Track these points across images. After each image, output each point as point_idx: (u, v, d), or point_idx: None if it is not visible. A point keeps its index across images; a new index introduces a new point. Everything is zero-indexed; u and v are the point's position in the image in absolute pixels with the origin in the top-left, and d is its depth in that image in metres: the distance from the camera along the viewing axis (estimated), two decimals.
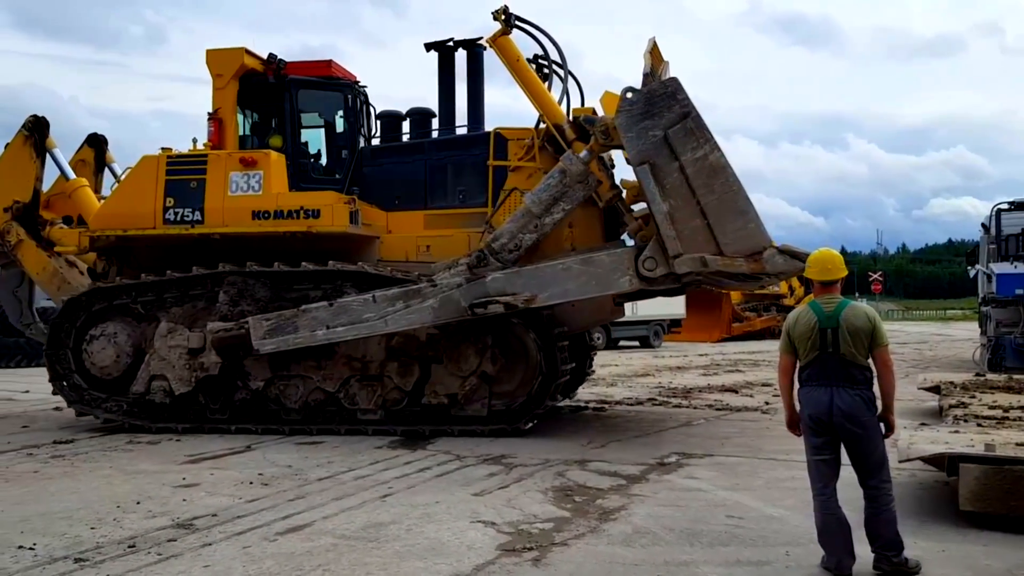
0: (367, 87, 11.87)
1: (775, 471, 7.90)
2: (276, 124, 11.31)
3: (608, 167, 10.31)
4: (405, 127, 11.79)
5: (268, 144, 11.01)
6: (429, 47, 11.41)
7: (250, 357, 10.06)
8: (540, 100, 10.26)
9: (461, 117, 11.47)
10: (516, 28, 10.32)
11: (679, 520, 6.14)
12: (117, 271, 11.16)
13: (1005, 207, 19.07)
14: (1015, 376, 12.55)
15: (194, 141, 11.14)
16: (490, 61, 11.18)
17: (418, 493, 7.06)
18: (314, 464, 8.32)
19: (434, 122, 11.59)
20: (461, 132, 11.39)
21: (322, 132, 11.84)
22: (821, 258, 5.19)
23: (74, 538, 5.78)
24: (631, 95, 8.87)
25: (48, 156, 12.03)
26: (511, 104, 14.77)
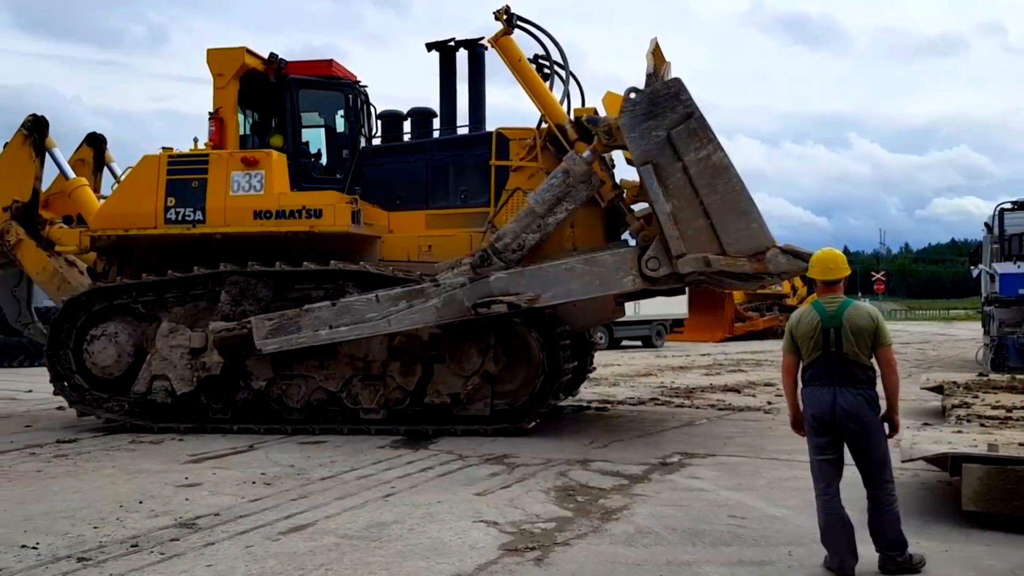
0: (368, 87, 11.88)
1: (777, 471, 7.89)
2: (277, 124, 11.30)
3: (609, 167, 10.31)
4: (406, 127, 11.79)
5: (269, 144, 11.00)
6: (430, 47, 11.40)
7: (252, 357, 10.06)
8: (542, 100, 10.26)
9: (462, 117, 11.48)
10: (518, 28, 10.32)
11: (681, 520, 6.14)
12: (117, 271, 11.14)
13: (1008, 207, 19.07)
14: (1018, 376, 12.54)
15: (195, 141, 11.14)
16: (491, 61, 11.20)
17: (420, 493, 7.06)
18: (316, 464, 8.33)
19: (435, 122, 11.58)
20: (462, 132, 11.38)
21: (323, 132, 11.83)
22: (824, 258, 5.19)
23: (77, 537, 5.79)
24: (634, 96, 8.89)
25: (47, 155, 11.98)
26: (512, 104, 14.78)
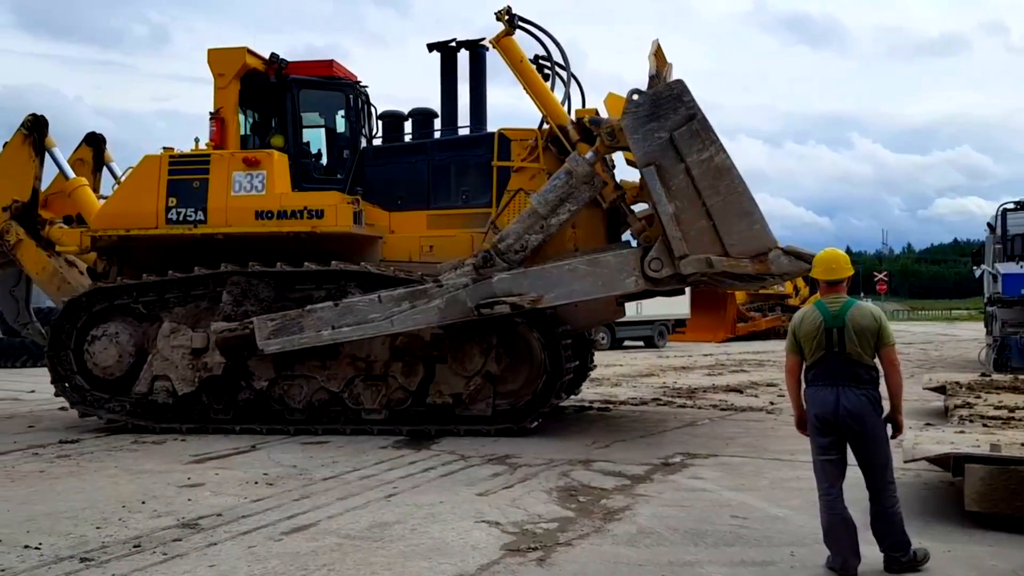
0: (368, 87, 11.87)
1: (780, 471, 7.89)
2: (277, 124, 11.28)
3: (610, 168, 10.31)
4: (407, 127, 11.77)
5: (270, 144, 10.99)
6: (432, 48, 11.39)
7: (254, 357, 10.07)
8: (543, 101, 10.26)
9: (463, 118, 11.47)
10: (519, 29, 10.33)
11: (683, 520, 6.14)
12: (118, 271, 11.13)
13: (1011, 207, 19.04)
14: (1021, 376, 12.51)
15: (196, 141, 11.14)
16: (492, 61, 11.21)
17: (423, 493, 7.06)
18: (319, 464, 8.33)
19: (436, 122, 11.58)
20: (464, 133, 11.37)
21: (323, 132, 11.82)
22: (826, 258, 5.19)
23: (80, 538, 5.80)
24: (637, 97, 8.90)
25: (47, 155, 11.96)
26: (513, 104, 14.76)
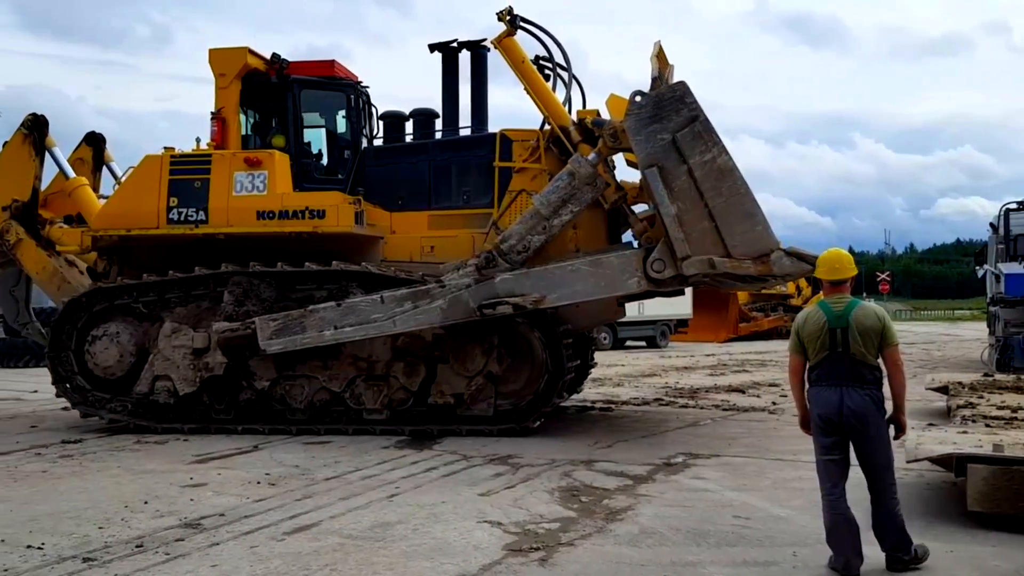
0: (369, 87, 11.87)
1: (782, 471, 7.89)
2: (278, 124, 11.27)
3: (611, 169, 10.31)
4: (408, 127, 11.77)
5: (271, 144, 10.99)
6: (433, 48, 11.39)
7: (256, 357, 10.08)
8: (545, 102, 10.26)
9: (464, 118, 11.46)
10: (521, 29, 10.33)
11: (686, 520, 6.14)
12: (118, 271, 11.12)
13: (1013, 207, 19.00)
14: (1023, 376, 12.50)
15: (197, 141, 11.12)
16: (493, 62, 11.21)
17: (425, 493, 7.07)
18: (321, 464, 8.34)
19: (437, 123, 11.57)
20: (465, 133, 11.37)
21: (324, 132, 11.82)
22: (830, 258, 5.18)
23: (82, 537, 5.81)
24: (640, 99, 8.91)
25: (47, 155, 11.94)
26: (514, 105, 14.79)
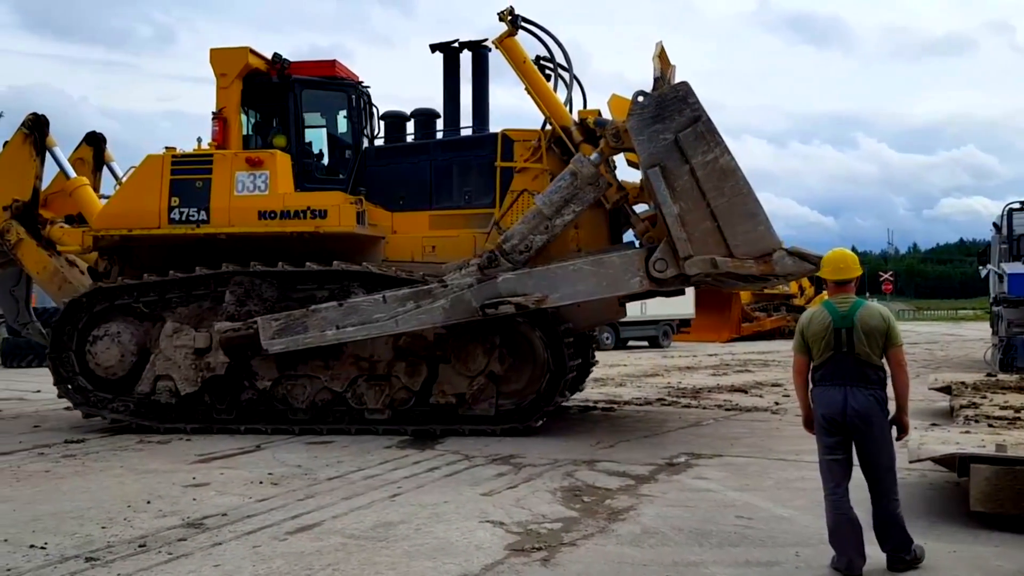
0: (370, 87, 11.87)
1: (785, 471, 7.88)
2: (280, 124, 11.27)
3: (612, 169, 10.31)
4: (409, 128, 11.77)
5: (272, 144, 10.99)
6: (434, 48, 11.39)
7: (257, 357, 10.08)
8: (547, 102, 10.27)
9: (465, 118, 11.46)
10: (522, 29, 10.33)
11: (688, 520, 6.13)
12: (119, 271, 11.13)
13: (1016, 207, 18.96)
14: None
15: (199, 141, 11.13)
16: (494, 61, 11.21)
17: (427, 493, 7.07)
18: (323, 464, 8.34)
19: (439, 123, 11.57)
20: (466, 133, 11.37)
21: (325, 132, 11.82)
22: (834, 258, 5.17)
23: (85, 537, 5.81)
24: (642, 99, 8.92)
25: (48, 154, 11.93)
26: (515, 105, 14.76)
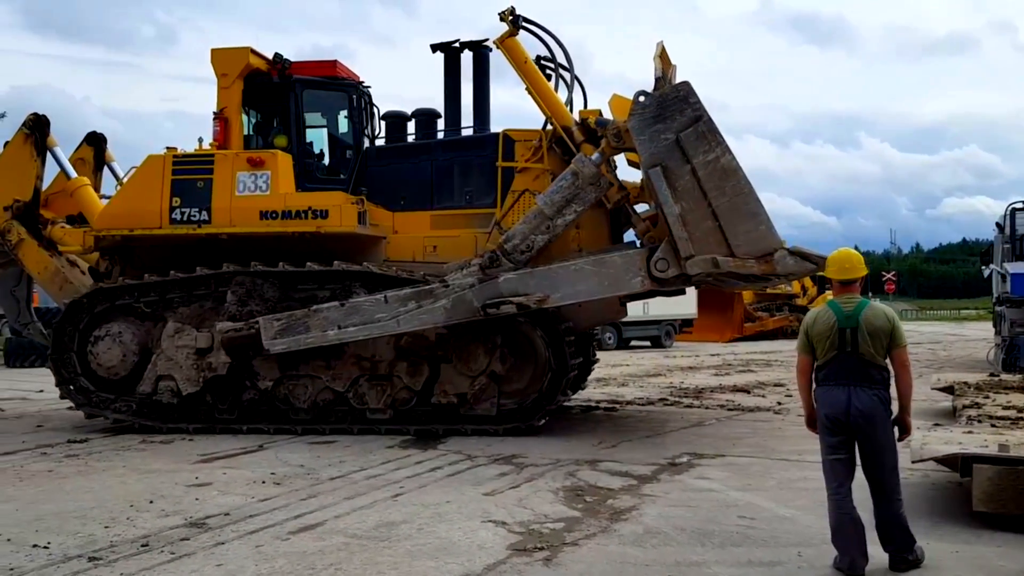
0: (371, 87, 11.87)
1: (787, 471, 7.88)
2: (281, 124, 11.27)
3: (612, 169, 10.31)
4: (410, 128, 11.76)
5: (273, 144, 11.00)
6: (435, 48, 11.40)
7: (259, 357, 10.09)
8: (548, 102, 10.27)
9: (466, 118, 11.46)
10: (523, 29, 10.33)
11: (690, 520, 6.13)
12: (121, 271, 11.13)
13: (1019, 206, 18.93)
14: None
15: (200, 141, 11.15)
16: (495, 61, 11.20)
17: (429, 492, 7.08)
18: (326, 463, 8.35)
19: (440, 123, 11.57)
20: (467, 133, 11.37)
21: (326, 132, 11.82)
22: (840, 257, 5.17)
23: (88, 537, 5.82)
24: (643, 99, 8.92)
25: (49, 155, 11.93)
26: (516, 104, 14.72)
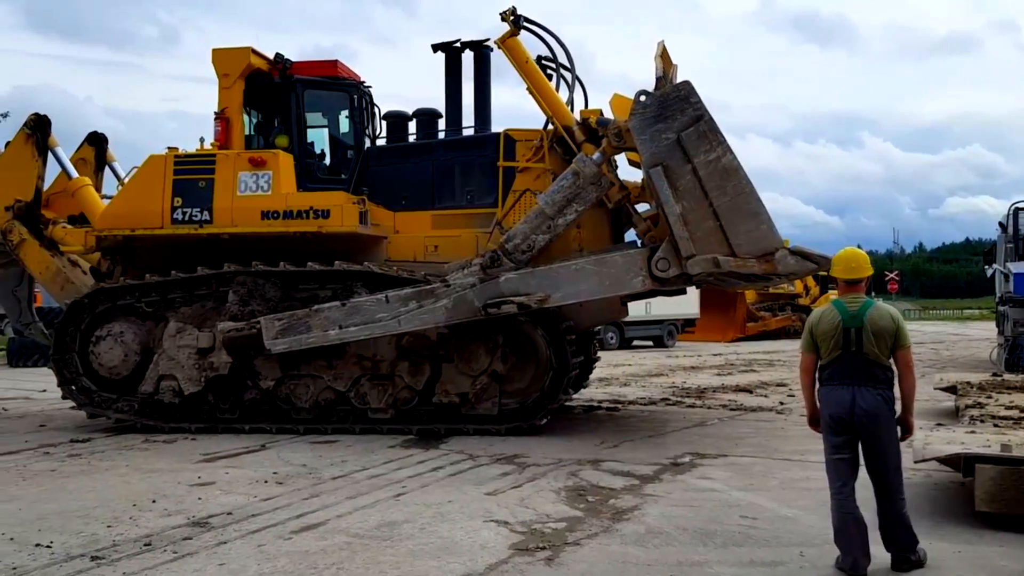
0: (372, 87, 11.89)
1: (790, 471, 7.87)
2: (282, 124, 11.29)
3: (613, 169, 10.31)
4: (411, 127, 11.76)
5: (274, 144, 11.01)
6: (436, 48, 11.40)
7: (261, 357, 10.10)
8: (549, 102, 10.27)
9: (467, 118, 11.46)
10: (524, 30, 10.34)
11: (692, 520, 6.13)
12: (122, 271, 11.15)
13: (1023, 206, 18.92)
14: None
15: (201, 140, 11.16)
16: (496, 61, 11.20)
17: (431, 492, 7.08)
18: (328, 463, 8.36)
19: (440, 123, 11.57)
20: (468, 133, 11.37)
21: (327, 132, 11.83)
22: (846, 257, 5.17)
23: (91, 536, 5.84)
24: (644, 98, 8.91)
25: (50, 155, 11.93)
26: (517, 104, 14.73)
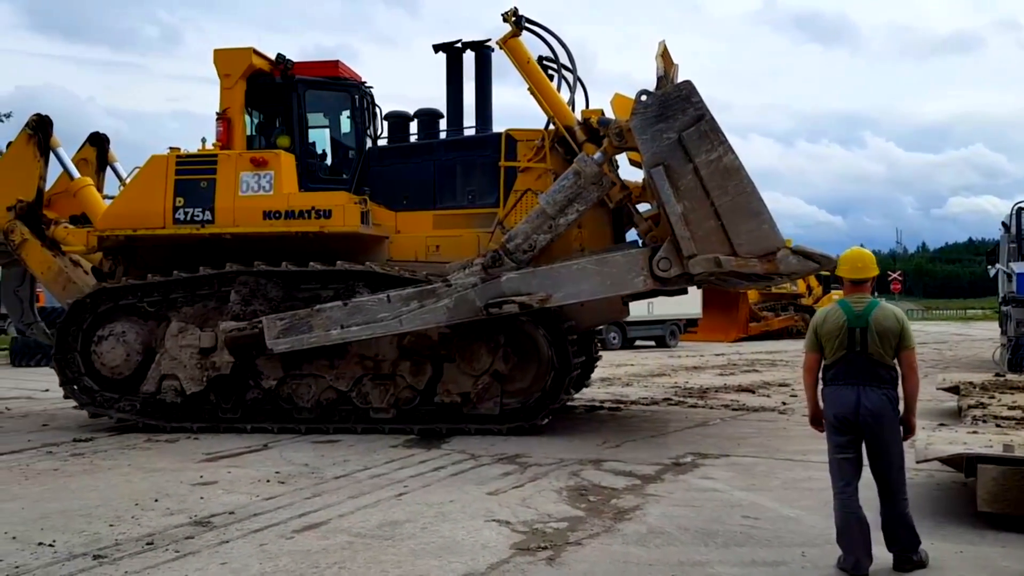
0: (373, 87, 11.90)
1: (792, 472, 7.86)
2: (283, 124, 11.29)
3: (614, 169, 10.31)
4: (413, 127, 11.77)
5: (275, 144, 11.02)
6: (437, 49, 11.41)
7: (262, 356, 10.11)
8: (550, 102, 10.28)
9: (469, 118, 11.46)
10: (526, 30, 10.34)
11: (694, 520, 6.13)
12: (124, 270, 11.17)
13: None
14: None
15: (203, 141, 11.17)
16: (497, 61, 11.21)
17: (433, 492, 7.09)
18: (330, 463, 8.37)
19: (442, 123, 11.57)
20: (469, 133, 11.38)
21: (328, 132, 11.84)
22: (852, 257, 5.16)
23: (93, 535, 5.85)
24: (646, 98, 8.91)
25: (52, 155, 11.95)
26: (518, 104, 14.74)
